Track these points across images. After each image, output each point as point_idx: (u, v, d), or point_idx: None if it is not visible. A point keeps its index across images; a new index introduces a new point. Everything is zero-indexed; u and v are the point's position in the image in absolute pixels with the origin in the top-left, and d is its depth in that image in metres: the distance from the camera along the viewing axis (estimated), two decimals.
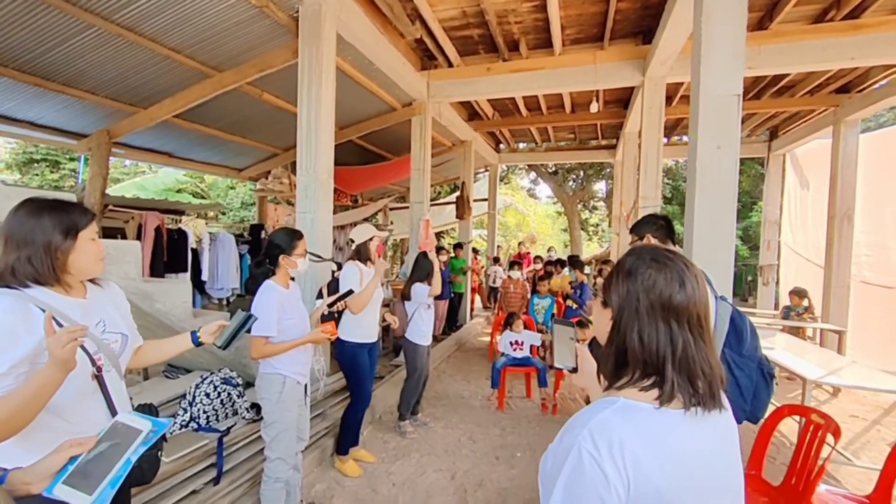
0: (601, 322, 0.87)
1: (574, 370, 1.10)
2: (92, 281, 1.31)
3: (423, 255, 3.72)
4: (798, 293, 5.82)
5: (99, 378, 1.20)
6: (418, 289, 3.58)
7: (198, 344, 1.52)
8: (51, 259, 1.15)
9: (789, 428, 3.70)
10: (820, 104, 6.14)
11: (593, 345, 1.66)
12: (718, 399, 0.77)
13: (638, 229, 2.02)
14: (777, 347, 4.35)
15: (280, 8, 3.57)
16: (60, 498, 0.85)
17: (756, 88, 5.93)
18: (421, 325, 3.58)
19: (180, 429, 2.40)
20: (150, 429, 0.97)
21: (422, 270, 3.61)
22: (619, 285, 0.81)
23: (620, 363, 0.80)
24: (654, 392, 0.75)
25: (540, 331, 5.57)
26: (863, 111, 5.67)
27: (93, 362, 1.19)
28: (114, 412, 1.23)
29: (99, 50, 3.89)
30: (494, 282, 9.38)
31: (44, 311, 1.08)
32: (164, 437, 1.42)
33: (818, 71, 5.17)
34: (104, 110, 4.96)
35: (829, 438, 2.15)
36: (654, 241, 1.95)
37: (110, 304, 1.34)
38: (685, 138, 8.47)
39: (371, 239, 3.01)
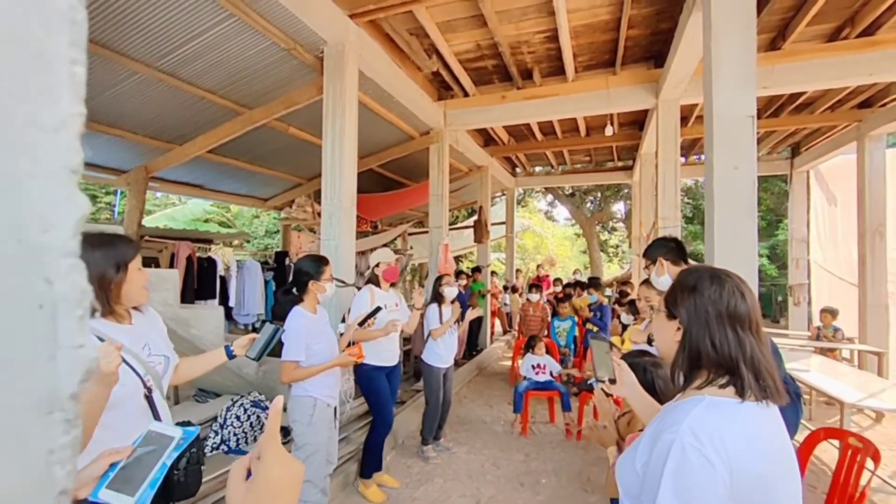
0: (666, 333, 0.99)
1: (613, 381, 1.20)
2: (134, 307, 1.39)
3: (437, 279, 3.80)
4: (830, 312, 5.62)
5: (149, 398, 1.29)
6: (430, 311, 3.66)
7: (231, 356, 1.62)
8: (105, 292, 1.23)
9: (830, 456, 3.53)
10: (842, 120, 6.06)
11: (624, 358, 1.69)
12: (782, 392, 0.88)
13: (649, 253, 2.05)
14: (812, 370, 4.19)
15: (307, 49, 3.82)
16: (106, 500, 0.93)
17: (774, 106, 5.92)
18: (435, 346, 3.59)
19: (211, 451, 2.47)
20: (181, 436, 1.06)
21: (433, 292, 3.70)
22: (686, 300, 0.94)
23: (694, 367, 0.92)
24: (731, 389, 0.86)
25: (562, 354, 5.51)
26: (887, 125, 5.57)
27: (144, 384, 1.28)
28: (155, 415, 1.31)
29: (142, 94, 4.21)
30: (504, 307, 9.37)
31: (101, 340, 1.17)
32: (202, 451, 1.50)
33: (837, 88, 5.14)
34: (143, 148, 5.30)
35: (869, 463, 2.06)
36: (666, 264, 1.98)
37: (152, 328, 1.43)
38: (703, 157, 8.44)
39: (377, 265, 3.11)
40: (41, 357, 0.26)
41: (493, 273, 9.54)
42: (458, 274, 7.07)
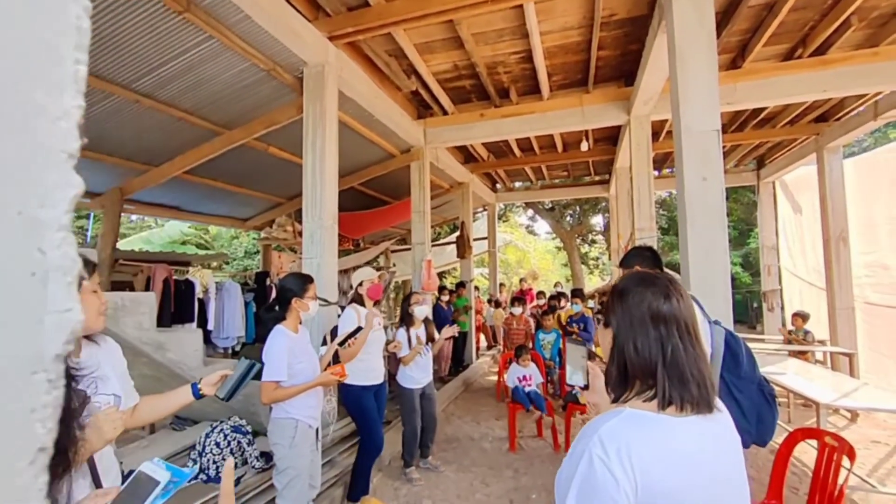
0: (605, 343, 0.96)
1: (585, 387, 1.18)
2: (87, 337, 1.23)
3: (405, 299, 3.75)
4: (801, 316, 5.81)
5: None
6: (399, 335, 3.57)
7: (198, 397, 1.44)
8: None
9: (811, 456, 3.61)
10: (801, 133, 6.40)
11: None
12: (712, 402, 0.83)
13: (626, 262, 2.11)
14: (788, 373, 4.30)
15: (286, 70, 3.86)
16: None
17: (738, 121, 6.22)
18: (407, 368, 3.54)
19: (189, 482, 2.37)
20: (170, 479, 1.00)
21: (401, 315, 3.60)
22: (616, 306, 0.92)
23: (623, 377, 0.88)
24: (655, 401, 0.82)
25: (548, 366, 5.52)
26: (843, 138, 5.91)
27: (80, 426, 1.08)
28: (97, 482, 1.12)
29: (117, 115, 4.15)
30: (489, 321, 9.42)
31: None
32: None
33: (795, 103, 5.44)
34: (118, 170, 5.20)
35: (846, 462, 2.12)
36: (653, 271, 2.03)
37: (105, 362, 1.26)
38: (675, 170, 8.74)
39: (360, 284, 3.09)
40: (30, 320, 0.28)
41: (476, 288, 9.58)
42: (442, 290, 7.07)
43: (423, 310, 3.65)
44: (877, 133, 11.27)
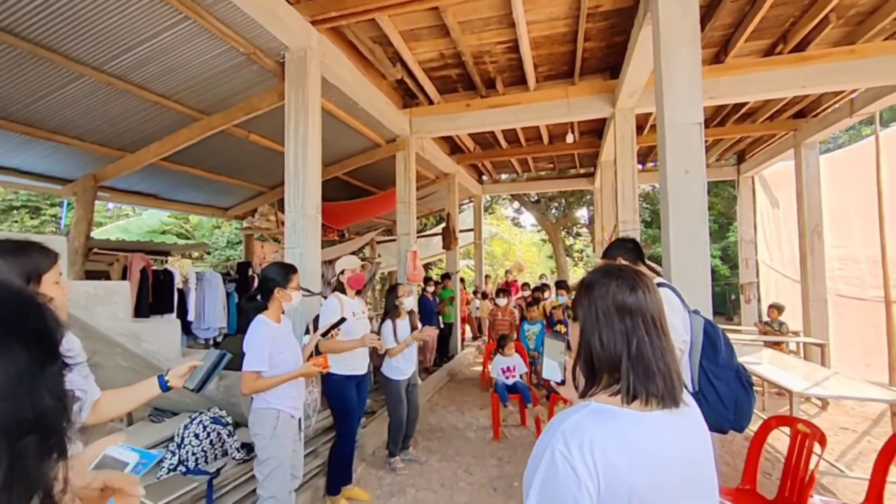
0: (574, 336, 0.94)
1: (561, 382, 1.16)
2: None
3: (390, 289, 3.72)
4: (777, 307, 5.99)
5: None
6: (385, 328, 3.53)
7: (166, 389, 1.38)
8: None
9: (783, 443, 3.74)
10: (780, 129, 6.53)
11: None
12: (678, 396, 0.82)
13: (608, 253, 2.13)
14: (763, 362, 4.43)
15: (267, 55, 3.75)
16: None
17: (720, 116, 6.31)
18: (392, 360, 3.52)
19: (168, 472, 2.33)
20: (138, 460, 0.97)
21: (386, 307, 3.55)
22: (582, 298, 0.90)
23: (590, 371, 0.86)
24: (616, 394, 0.80)
25: (532, 357, 5.58)
26: (819, 134, 6.06)
27: None
28: None
29: (88, 98, 3.99)
30: (475, 311, 9.48)
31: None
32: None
33: (775, 99, 5.54)
34: (91, 155, 5.02)
35: (817, 448, 2.20)
36: (624, 263, 2.05)
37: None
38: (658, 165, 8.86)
39: (342, 272, 3.05)
40: None
41: (461, 280, 9.60)
42: (427, 281, 7.06)
43: (409, 301, 3.64)
44: (851, 130, 11.59)
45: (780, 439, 3.70)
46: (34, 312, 0.50)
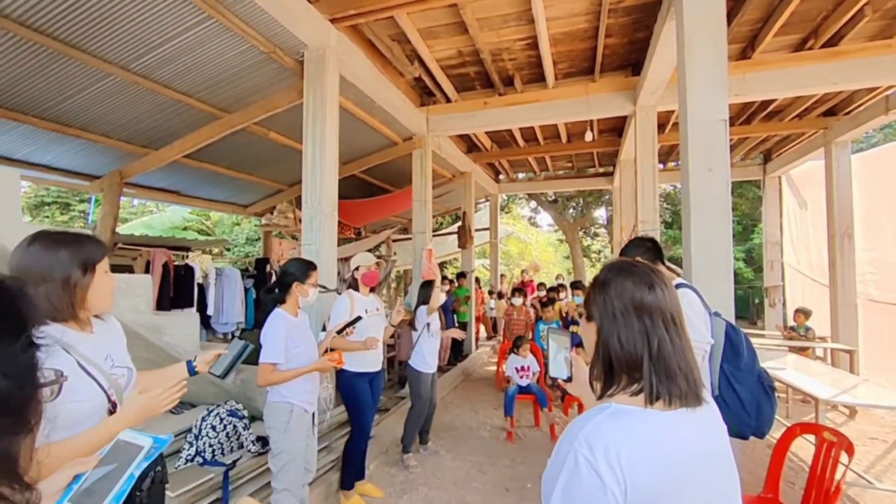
0: (589, 337, 0.91)
1: (569, 379, 1.14)
2: (97, 316, 1.26)
3: (426, 283, 3.78)
4: (804, 312, 5.78)
5: (113, 414, 1.17)
6: (419, 311, 3.65)
7: (194, 373, 1.48)
8: (69, 295, 1.11)
9: (808, 452, 3.61)
10: (809, 127, 6.30)
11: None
12: (701, 395, 0.80)
13: (626, 253, 2.07)
14: (788, 368, 4.29)
15: (286, 53, 3.79)
16: None
17: (746, 114, 6.12)
18: (424, 352, 3.58)
19: (185, 463, 2.38)
20: (151, 445, 0.99)
21: (421, 295, 3.69)
22: (597, 297, 0.87)
23: (609, 372, 0.84)
24: (642, 396, 0.78)
25: (546, 357, 5.52)
26: (852, 132, 5.82)
27: (108, 399, 1.16)
28: None
29: (115, 96, 4.11)
30: (490, 311, 9.44)
31: (66, 350, 1.08)
32: (165, 470, 1.39)
33: (804, 96, 5.35)
34: (117, 153, 5.16)
35: (844, 458, 2.11)
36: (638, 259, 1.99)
37: (114, 338, 1.31)
38: (680, 163, 8.66)
39: (357, 268, 3.07)
40: None
41: (476, 279, 9.57)
42: (443, 279, 7.05)
43: (442, 297, 3.72)
44: (886, 129, 11.11)
45: (803, 447, 3.57)
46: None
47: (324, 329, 3.24)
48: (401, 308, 3.19)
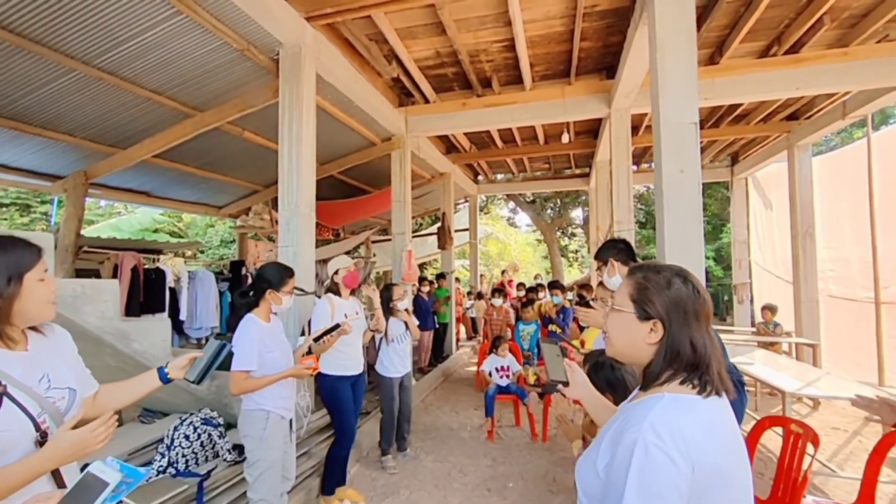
0: (634, 334, 0.93)
1: (566, 384, 1.17)
2: (34, 328, 1.13)
3: (385, 287, 3.74)
4: (770, 308, 6.03)
5: (43, 444, 1.02)
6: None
7: (166, 381, 1.34)
8: None
9: (776, 444, 3.75)
10: (773, 130, 6.57)
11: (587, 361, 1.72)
12: (730, 385, 0.90)
13: (601, 255, 2.13)
14: (756, 363, 4.46)
15: (261, 51, 3.71)
16: None
17: (714, 117, 6.34)
18: (384, 357, 3.59)
19: (157, 475, 2.29)
20: (119, 480, 0.92)
21: (382, 304, 3.58)
22: (662, 297, 0.91)
23: (667, 367, 0.90)
24: (690, 385, 0.86)
25: (525, 357, 5.58)
26: (812, 136, 6.10)
27: (37, 427, 1.01)
28: (60, 482, 1.06)
29: (79, 93, 3.93)
30: (469, 311, 9.48)
31: None
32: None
33: (769, 100, 5.57)
34: (81, 152, 4.94)
35: (810, 448, 2.20)
36: (616, 265, 2.05)
37: (56, 354, 1.16)
38: (653, 165, 8.89)
39: (336, 272, 3.03)
40: None
41: (456, 280, 9.58)
42: (422, 280, 7.03)
43: (402, 304, 3.68)
44: (843, 133, 11.69)
45: (772, 439, 3.72)
46: None
47: (303, 334, 3.18)
48: (380, 315, 3.17)
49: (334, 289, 3.03)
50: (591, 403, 1.23)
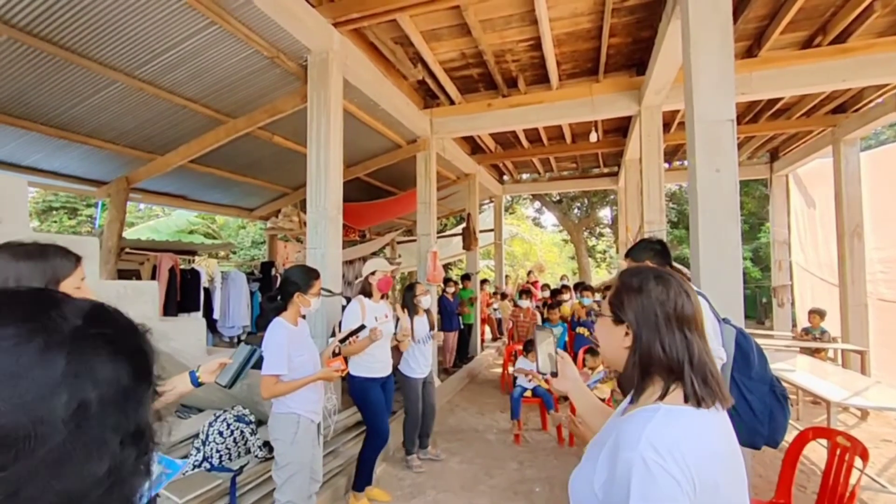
0: (612, 339, 0.93)
1: (554, 374, 1.14)
2: None
3: (408, 287, 3.76)
4: (819, 313, 5.69)
5: None
6: (406, 321, 3.60)
7: (198, 384, 1.40)
8: None
9: (819, 455, 3.55)
10: (817, 125, 6.22)
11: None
12: (727, 395, 0.85)
13: (634, 254, 2.04)
14: (798, 370, 4.23)
15: (290, 58, 3.80)
16: None
17: (752, 112, 6.05)
18: (409, 358, 3.59)
19: (193, 469, 2.38)
20: (162, 471, 0.95)
21: (404, 303, 3.64)
22: (633, 302, 0.89)
23: (645, 374, 0.86)
24: (681, 396, 0.82)
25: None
26: (861, 130, 5.74)
27: None
28: None
29: (120, 103, 4.13)
30: (495, 312, 9.40)
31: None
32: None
33: (812, 94, 5.29)
34: (123, 158, 5.20)
35: (858, 462, 2.07)
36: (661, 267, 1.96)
37: None
38: (686, 162, 8.59)
39: (373, 273, 3.06)
40: None
41: (484, 281, 9.54)
42: (447, 281, 7.04)
43: (426, 300, 3.69)
44: (895, 126, 10.96)
45: (815, 450, 3.52)
46: (138, 334, 0.50)
47: (333, 335, 3.24)
48: (408, 331, 3.18)
49: (367, 289, 3.06)
50: (579, 399, 1.18)
